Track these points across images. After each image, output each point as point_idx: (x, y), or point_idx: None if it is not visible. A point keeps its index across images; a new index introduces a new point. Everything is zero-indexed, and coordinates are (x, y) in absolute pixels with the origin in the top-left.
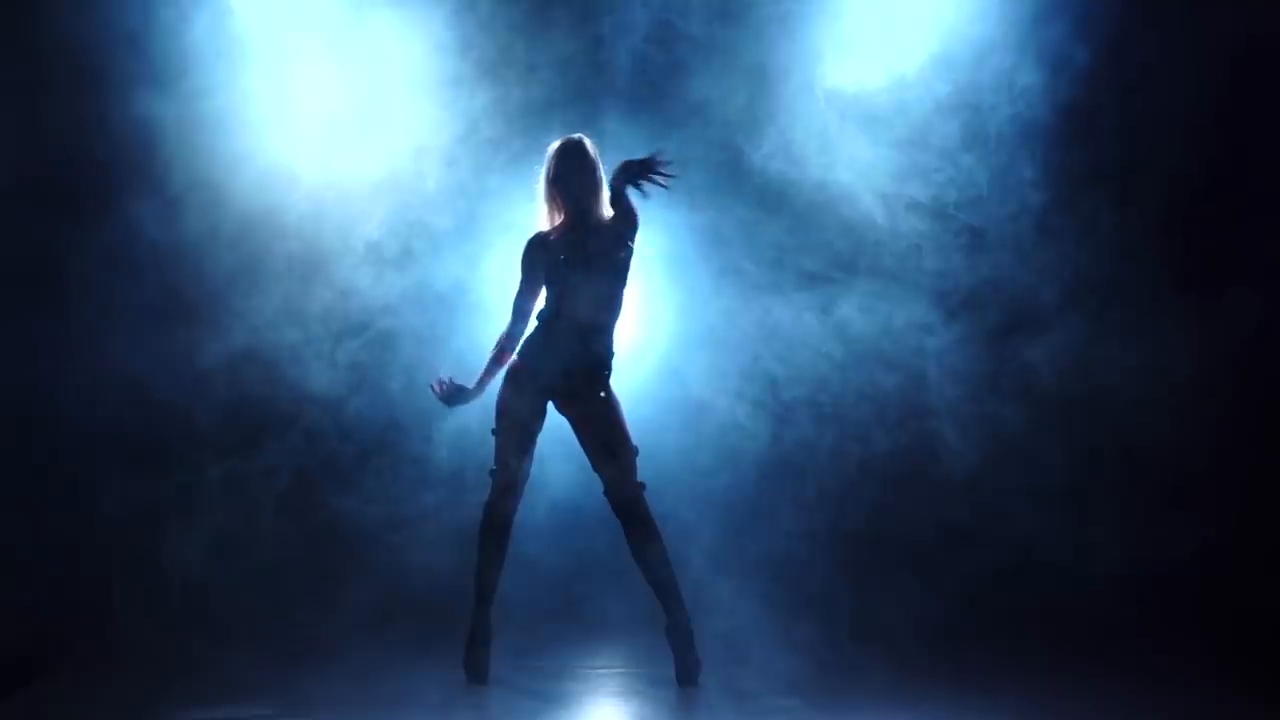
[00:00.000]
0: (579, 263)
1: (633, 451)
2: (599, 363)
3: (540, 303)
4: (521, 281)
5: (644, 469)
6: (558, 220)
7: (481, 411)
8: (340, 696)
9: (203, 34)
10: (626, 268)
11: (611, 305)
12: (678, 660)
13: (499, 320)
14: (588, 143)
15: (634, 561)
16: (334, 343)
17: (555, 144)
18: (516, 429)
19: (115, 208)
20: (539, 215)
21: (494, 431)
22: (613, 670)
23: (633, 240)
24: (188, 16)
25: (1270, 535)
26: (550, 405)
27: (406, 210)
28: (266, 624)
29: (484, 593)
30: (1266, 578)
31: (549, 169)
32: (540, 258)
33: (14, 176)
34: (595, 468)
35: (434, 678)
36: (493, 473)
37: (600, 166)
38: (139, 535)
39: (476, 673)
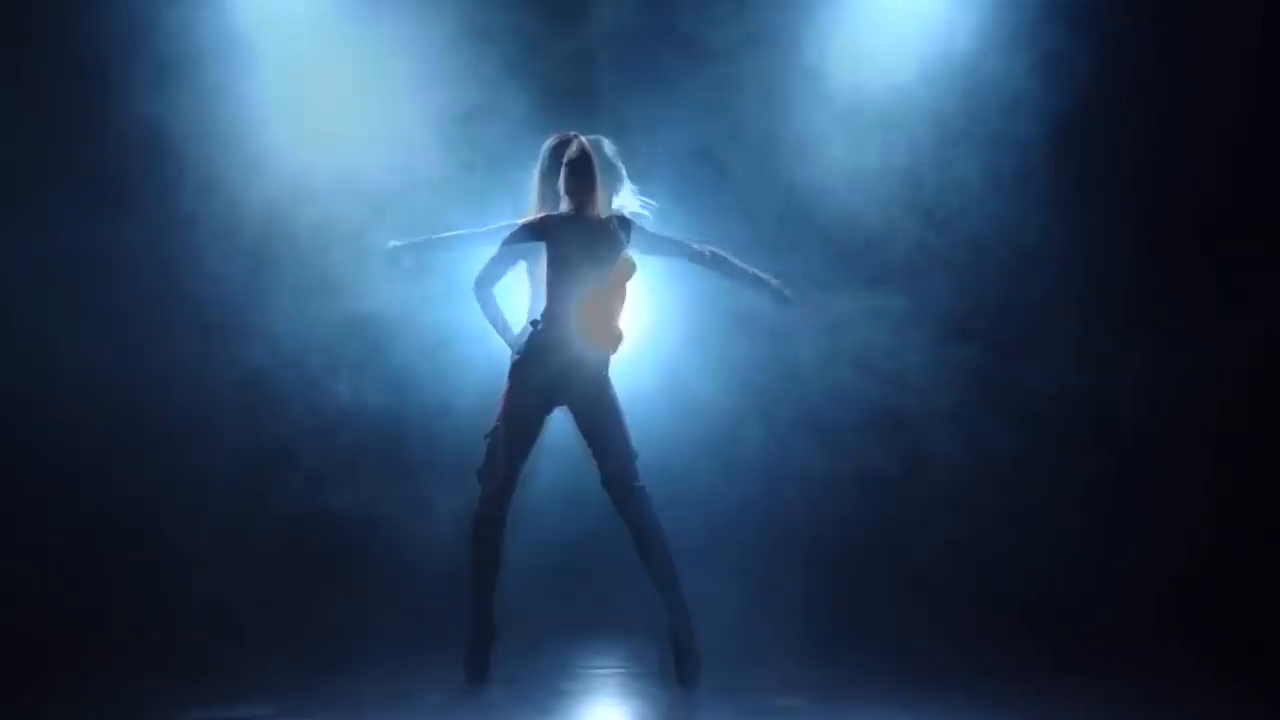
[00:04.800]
0: (584, 256)
1: (633, 450)
2: (599, 357)
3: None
4: (507, 243)
5: (643, 469)
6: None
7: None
8: (340, 696)
9: (207, 33)
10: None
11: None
12: (678, 660)
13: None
14: (584, 140)
15: (637, 559)
16: (344, 342)
17: (550, 140)
18: (518, 429)
19: (120, 208)
20: (530, 209)
21: (486, 436)
22: (613, 670)
23: (629, 243)
24: (192, 16)
25: (1269, 541)
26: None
27: (416, 209)
28: (267, 624)
29: (483, 593)
30: (1265, 582)
31: (541, 164)
32: (544, 236)
33: (23, 177)
34: (597, 461)
35: (434, 678)
36: (480, 475)
37: (596, 163)
38: (141, 535)
39: (476, 673)
